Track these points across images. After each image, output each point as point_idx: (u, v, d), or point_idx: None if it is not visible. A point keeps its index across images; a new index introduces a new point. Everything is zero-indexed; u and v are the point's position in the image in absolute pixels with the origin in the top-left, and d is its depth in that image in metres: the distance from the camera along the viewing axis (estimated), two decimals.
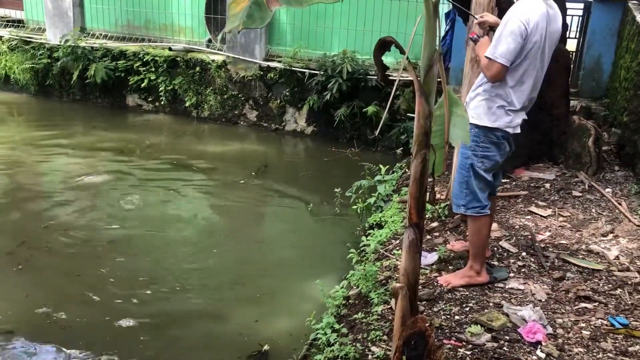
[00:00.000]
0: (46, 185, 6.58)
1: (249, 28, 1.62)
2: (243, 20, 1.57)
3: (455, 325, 3.11)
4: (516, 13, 3.11)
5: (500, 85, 3.18)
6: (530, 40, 3.10)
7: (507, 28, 3.08)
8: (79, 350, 3.62)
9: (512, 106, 3.21)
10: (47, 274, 4.53)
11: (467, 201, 3.36)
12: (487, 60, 3.11)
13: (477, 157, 3.28)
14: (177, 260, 4.86)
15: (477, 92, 3.27)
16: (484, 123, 3.22)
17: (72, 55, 9.44)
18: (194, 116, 9.37)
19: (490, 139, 3.25)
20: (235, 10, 1.61)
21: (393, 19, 8.26)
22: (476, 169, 3.29)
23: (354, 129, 8.38)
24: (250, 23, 1.58)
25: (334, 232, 5.49)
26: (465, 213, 3.41)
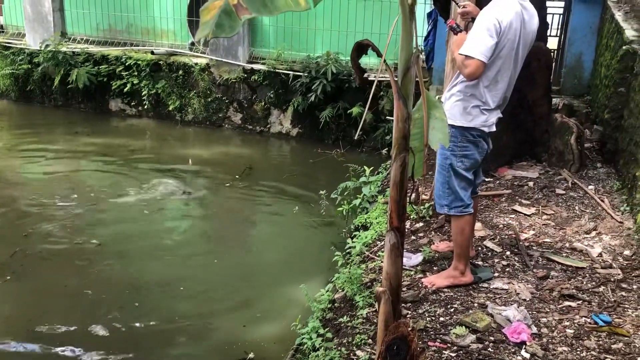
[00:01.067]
0: (28, 192, 6.48)
1: (219, 37, 1.60)
2: (212, 29, 1.55)
3: (440, 327, 3.10)
4: (490, 11, 3.12)
5: (475, 85, 3.18)
6: (503, 39, 3.11)
7: (482, 26, 3.08)
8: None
9: (486, 105, 3.22)
10: (33, 284, 4.45)
11: (449, 201, 3.36)
12: (464, 57, 3.10)
13: (456, 157, 3.29)
14: (161, 266, 4.82)
15: (452, 93, 3.28)
16: (460, 123, 3.23)
17: (53, 61, 9.34)
18: (177, 120, 9.32)
19: (467, 138, 3.26)
20: (206, 18, 1.59)
21: (376, 20, 8.26)
22: (456, 168, 3.30)
23: (339, 130, 8.37)
24: (219, 32, 1.56)
25: (320, 235, 5.48)
26: (449, 213, 3.42)
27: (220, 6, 1.58)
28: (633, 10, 6.03)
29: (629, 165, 4.65)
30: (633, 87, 4.87)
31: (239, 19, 1.59)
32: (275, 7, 1.65)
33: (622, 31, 5.41)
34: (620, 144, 5.10)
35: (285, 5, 1.66)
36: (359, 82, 2.30)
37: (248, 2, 1.61)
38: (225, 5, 1.59)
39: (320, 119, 8.22)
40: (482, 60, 3.05)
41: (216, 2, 1.60)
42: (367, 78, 2.11)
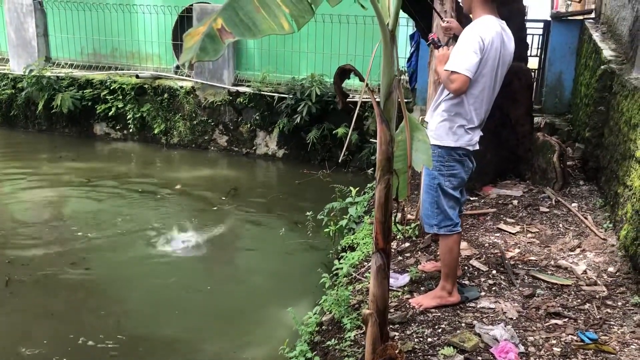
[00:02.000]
0: (10, 218, 6.41)
1: (203, 60, 1.62)
2: (196, 53, 1.57)
3: (429, 348, 3.09)
4: (474, 29, 3.17)
5: (460, 102, 3.22)
6: (486, 56, 3.16)
7: (467, 43, 3.13)
8: None
9: (471, 124, 3.26)
10: (17, 314, 4.38)
11: (439, 220, 3.38)
12: (450, 73, 3.13)
13: (444, 177, 3.32)
14: (147, 291, 4.77)
15: (437, 112, 3.31)
16: (447, 143, 3.26)
17: (37, 85, 9.32)
18: (163, 143, 9.30)
19: (454, 158, 3.30)
20: (190, 43, 1.61)
21: (359, 42, 8.37)
22: (444, 187, 3.33)
23: (325, 150, 8.41)
24: (203, 56, 1.58)
25: (307, 256, 5.46)
26: (438, 232, 3.43)
27: (204, 31, 1.60)
28: (609, 30, 6.17)
29: (610, 182, 4.71)
30: (612, 105, 4.97)
31: (222, 43, 1.61)
32: (259, 30, 1.67)
33: (600, 51, 5.53)
34: (601, 161, 5.18)
35: (269, 28, 1.68)
36: (342, 106, 2.33)
37: (232, 27, 1.63)
38: (209, 30, 1.61)
39: (306, 140, 8.26)
40: (468, 75, 3.09)
41: (199, 29, 1.62)
42: (350, 102, 2.13)
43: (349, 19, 8.21)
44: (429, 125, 3.33)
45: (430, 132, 3.26)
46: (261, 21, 1.66)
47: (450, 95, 3.22)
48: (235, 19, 1.66)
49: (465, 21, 4.71)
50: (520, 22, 5.54)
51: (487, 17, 3.22)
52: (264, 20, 1.65)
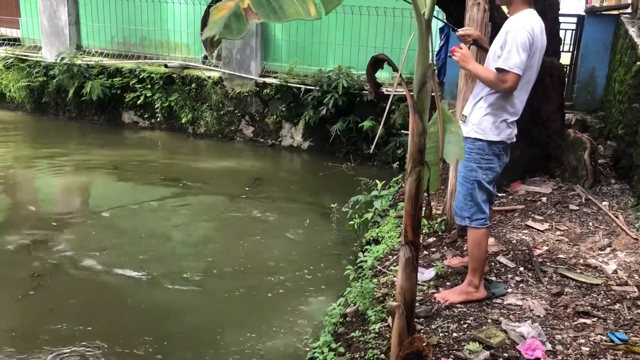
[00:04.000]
0: (41, 204, 6.55)
1: (226, 38, 1.61)
2: (220, 30, 1.55)
3: (454, 343, 3.07)
4: (520, 24, 3.16)
5: (505, 96, 3.23)
6: (533, 51, 3.19)
7: (517, 39, 3.12)
8: None
9: (514, 116, 3.29)
10: (49, 299, 4.46)
11: (471, 213, 3.37)
12: (501, 72, 3.14)
13: (482, 170, 3.32)
14: (170, 277, 4.81)
15: (480, 106, 3.30)
16: (489, 137, 3.28)
17: (68, 73, 9.45)
18: (190, 132, 9.38)
19: (493, 151, 3.32)
20: (216, 17, 1.60)
21: (388, 34, 8.30)
22: (481, 181, 3.34)
23: (350, 143, 8.39)
24: (227, 33, 1.57)
25: (331, 248, 5.46)
26: (470, 225, 3.41)
27: (231, 8, 1.58)
28: None
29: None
30: None
31: (247, 23, 1.60)
32: (285, 14, 1.66)
33: (636, 47, 5.40)
34: (634, 159, 5.06)
35: (295, 13, 1.67)
36: (375, 96, 2.31)
37: (258, 7, 1.62)
38: (235, 8, 1.60)
39: (331, 132, 8.24)
40: (519, 73, 3.13)
41: (228, 3, 1.61)
42: (382, 92, 2.11)
43: (377, 11, 8.15)
44: (470, 118, 3.33)
45: (472, 125, 3.29)
46: (288, 4, 1.64)
47: (494, 90, 3.21)
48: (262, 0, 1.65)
49: (497, 14, 4.65)
50: (553, 16, 5.44)
51: (530, 11, 3.25)
52: (291, 3, 1.63)
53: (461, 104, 4.24)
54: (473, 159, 3.30)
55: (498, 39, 3.25)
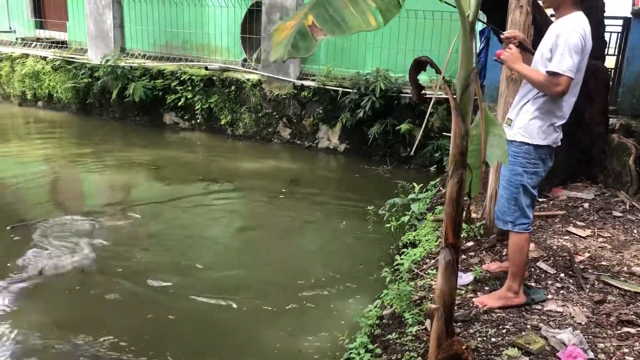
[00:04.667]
0: (85, 201, 6.75)
1: (295, 57, 1.65)
2: (288, 50, 1.59)
3: (492, 348, 3.04)
4: (572, 27, 3.12)
5: (554, 100, 3.20)
6: (584, 54, 3.17)
7: (569, 42, 3.08)
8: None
9: (561, 120, 3.26)
10: (87, 296, 4.59)
11: (514, 217, 3.34)
12: (552, 75, 3.11)
13: (527, 174, 3.30)
14: (209, 275, 4.90)
15: (527, 109, 3.26)
16: (536, 141, 3.25)
17: (112, 75, 9.72)
18: (229, 134, 9.52)
19: (539, 155, 3.28)
20: (279, 38, 1.64)
21: (427, 37, 8.26)
22: (526, 185, 3.31)
23: (387, 146, 8.37)
24: (295, 53, 1.61)
25: (367, 250, 5.46)
26: (512, 230, 3.38)
27: (294, 27, 1.62)
28: None
29: None
30: None
31: (314, 40, 1.63)
32: (349, 27, 1.70)
33: None
34: None
35: (357, 25, 1.70)
36: (416, 98, 2.32)
37: (322, 24, 1.66)
38: (299, 26, 1.64)
39: (368, 135, 8.25)
40: (571, 77, 3.10)
41: (288, 23, 1.65)
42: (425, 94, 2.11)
43: (416, 14, 8.12)
44: (516, 121, 3.30)
45: (518, 128, 3.27)
46: (350, 17, 1.68)
47: (542, 93, 3.18)
48: (325, 15, 1.69)
49: (539, 17, 4.59)
50: (598, 19, 5.34)
51: (579, 14, 3.21)
52: (353, 16, 1.67)
53: (502, 108, 4.20)
54: (519, 163, 3.26)
55: (546, 41, 3.21)
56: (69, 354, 3.72)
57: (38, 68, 10.73)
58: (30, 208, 6.22)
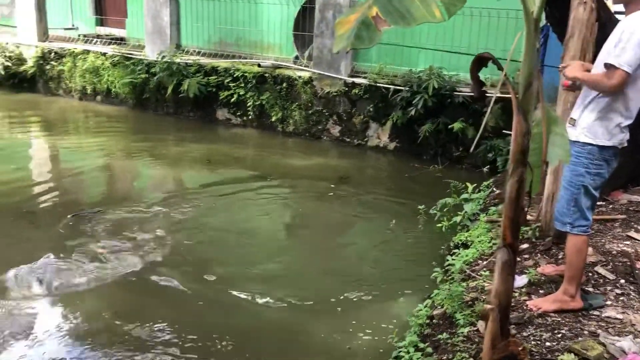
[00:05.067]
0: (137, 191, 6.95)
1: (358, 48, 1.66)
2: (351, 41, 1.61)
3: (546, 352, 2.97)
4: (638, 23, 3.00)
5: (620, 98, 3.08)
6: None
7: (633, 37, 2.96)
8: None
9: (628, 120, 3.14)
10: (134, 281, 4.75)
11: (574, 219, 3.26)
12: (608, 69, 3.01)
13: (590, 175, 3.20)
14: (256, 270, 4.96)
15: (591, 109, 3.16)
16: (600, 142, 3.14)
17: (167, 71, 9.97)
18: (279, 130, 9.62)
19: (603, 157, 3.18)
20: (341, 31, 1.66)
21: (482, 36, 8.12)
22: (588, 186, 3.22)
23: (439, 145, 8.27)
24: (359, 44, 1.62)
25: (417, 250, 5.42)
26: (571, 232, 3.29)
27: (357, 19, 1.64)
28: None
29: None
30: None
31: (378, 31, 1.64)
32: (413, 18, 1.70)
33: None
34: None
35: (422, 16, 1.70)
36: (477, 95, 2.29)
37: (387, 14, 1.66)
38: (363, 18, 1.65)
39: (419, 133, 8.17)
40: (627, 71, 2.96)
41: (351, 16, 1.66)
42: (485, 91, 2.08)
43: (472, 12, 7.98)
44: (579, 121, 3.20)
45: (582, 129, 3.17)
46: (415, 9, 1.67)
47: (606, 94, 3.08)
48: (390, 7, 1.69)
49: (603, 14, 4.43)
50: None
51: None
52: (417, 8, 1.67)
53: (561, 107, 4.09)
54: (582, 164, 3.17)
55: (612, 39, 3.09)
56: (134, 341, 3.86)
57: (98, 64, 11.11)
58: (90, 198, 6.47)
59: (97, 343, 3.80)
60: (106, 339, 3.86)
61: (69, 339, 3.85)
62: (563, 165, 3.46)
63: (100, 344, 3.80)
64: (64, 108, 11.24)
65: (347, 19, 1.70)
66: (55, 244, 5.16)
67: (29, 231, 5.53)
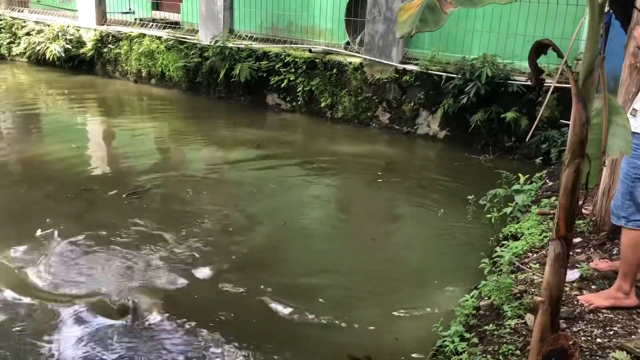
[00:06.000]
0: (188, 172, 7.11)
1: (423, 31, 1.64)
2: (416, 24, 1.59)
3: (597, 349, 2.91)
4: None
5: None
6: None
7: None
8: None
9: None
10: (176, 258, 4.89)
11: (628, 213, 3.16)
12: None
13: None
14: (301, 256, 5.01)
15: None
16: None
17: (220, 55, 10.10)
18: (328, 117, 9.62)
19: None
20: (404, 17, 1.64)
21: (539, 23, 7.87)
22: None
23: (490, 135, 8.10)
24: (423, 27, 1.60)
25: (465, 240, 5.35)
26: (626, 226, 3.19)
27: (422, 3, 1.62)
28: None
29: None
30: None
31: (443, 14, 1.62)
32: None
33: None
34: None
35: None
36: (535, 83, 2.23)
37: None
38: (427, 1, 1.64)
39: (470, 122, 8.02)
40: None
41: (414, 2, 1.65)
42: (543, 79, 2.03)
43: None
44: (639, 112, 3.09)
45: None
46: None
47: None
48: None
49: None
50: None
51: None
52: None
53: (622, 97, 3.94)
54: (638, 156, 3.06)
55: None
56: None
57: (153, 47, 11.36)
58: (142, 177, 6.65)
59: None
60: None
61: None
62: (621, 158, 3.34)
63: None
64: (120, 90, 11.57)
65: (410, 4, 1.68)
66: (110, 221, 5.37)
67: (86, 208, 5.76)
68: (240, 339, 3.77)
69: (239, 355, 3.64)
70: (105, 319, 3.91)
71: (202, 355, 3.61)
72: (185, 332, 3.82)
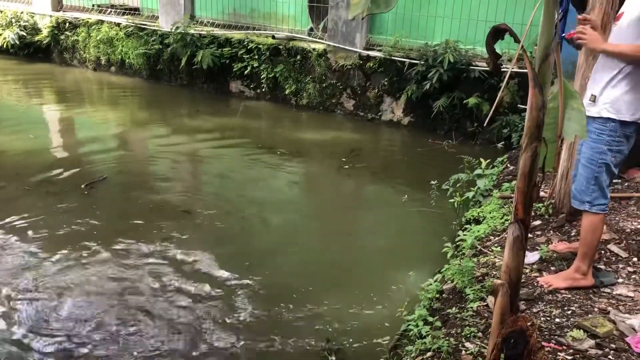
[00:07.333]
0: (149, 161, 6.99)
1: (374, 13, 1.62)
2: (368, 5, 1.57)
3: (556, 328, 2.98)
4: None
5: None
6: None
7: None
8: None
9: None
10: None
11: (593, 198, 3.23)
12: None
13: (611, 152, 3.16)
14: (265, 244, 4.98)
15: (616, 84, 3.08)
16: (623, 117, 3.09)
17: (181, 42, 9.91)
18: (292, 104, 9.56)
19: (624, 133, 3.14)
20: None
21: (500, 8, 7.96)
22: (609, 163, 3.18)
23: (453, 120, 8.18)
24: (374, 8, 1.58)
25: (428, 225, 5.41)
26: (590, 210, 3.25)
27: None
28: None
29: None
30: None
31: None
32: None
33: None
34: None
35: None
36: (492, 68, 2.25)
37: None
38: None
39: (433, 108, 8.08)
40: None
41: None
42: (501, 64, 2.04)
43: None
44: (601, 97, 3.13)
45: (604, 104, 3.11)
46: None
47: (633, 66, 3.02)
48: None
49: None
50: None
51: None
52: None
53: (579, 82, 4.01)
54: (603, 141, 3.12)
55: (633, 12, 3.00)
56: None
57: (112, 34, 11.07)
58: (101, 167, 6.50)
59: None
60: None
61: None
62: (579, 142, 3.41)
63: None
64: (79, 78, 11.26)
65: None
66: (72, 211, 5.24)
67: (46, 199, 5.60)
68: (198, 330, 3.74)
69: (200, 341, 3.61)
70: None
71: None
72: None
